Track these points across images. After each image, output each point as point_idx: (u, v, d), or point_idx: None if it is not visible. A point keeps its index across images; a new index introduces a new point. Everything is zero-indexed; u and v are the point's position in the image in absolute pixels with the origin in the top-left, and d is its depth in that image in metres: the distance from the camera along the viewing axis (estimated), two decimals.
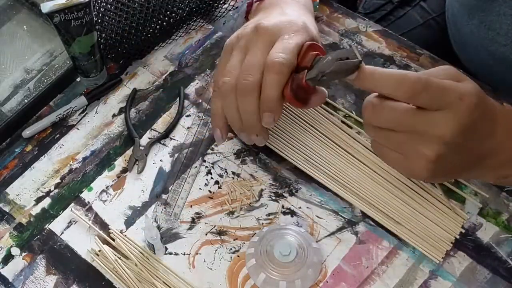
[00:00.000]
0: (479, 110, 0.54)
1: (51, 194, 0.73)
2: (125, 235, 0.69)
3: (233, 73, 0.62)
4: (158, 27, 0.80)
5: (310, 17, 0.71)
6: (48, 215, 0.72)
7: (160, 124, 0.77)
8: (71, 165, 0.75)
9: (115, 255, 0.67)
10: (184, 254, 0.68)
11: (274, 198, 0.71)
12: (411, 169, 0.56)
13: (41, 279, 0.68)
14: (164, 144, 0.76)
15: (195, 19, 0.84)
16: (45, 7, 0.70)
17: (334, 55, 0.56)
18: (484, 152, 0.57)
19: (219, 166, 0.73)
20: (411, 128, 0.54)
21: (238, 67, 0.62)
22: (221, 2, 0.84)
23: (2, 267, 0.69)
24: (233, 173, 0.73)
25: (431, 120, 0.53)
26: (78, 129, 0.77)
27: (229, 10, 0.84)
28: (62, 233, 0.70)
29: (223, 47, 0.67)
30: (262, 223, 0.70)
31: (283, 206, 0.70)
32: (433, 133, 0.53)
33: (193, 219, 0.70)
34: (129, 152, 0.75)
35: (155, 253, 0.68)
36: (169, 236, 0.69)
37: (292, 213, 0.70)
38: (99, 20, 0.78)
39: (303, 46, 0.61)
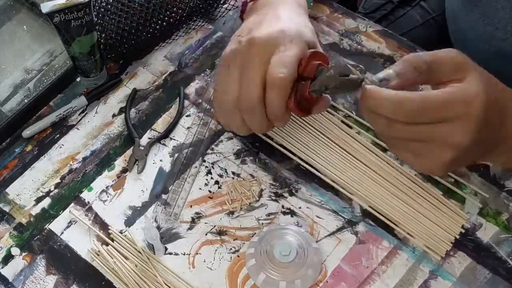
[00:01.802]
0: (488, 107, 0.53)
1: (51, 194, 0.73)
2: (125, 235, 0.69)
3: (233, 91, 0.61)
4: (158, 27, 0.80)
5: (304, 17, 0.70)
6: (48, 215, 0.72)
7: (160, 124, 0.77)
8: (71, 165, 0.75)
9: (115, 256, 0.67)
10: (184, 254, 0.68)
11: (274, 198, 0.71)
12: (426, 167, 0.57)
13: (41, 279, 0.68)
14: (164, 144, 0.76)
15: (195, 19, 0.84)
16: (45, 7, 0.70)
17: (335, 69, 0.56)
18: (496, 141, 0.57)
19: (219, 166, 0.73)
20: (425, 137, 0.54)
21: (237, 85, 0.61)
22: (221, 2, 0.84)
23: (2, 267, 0.69)
24: (233, 173, 0.73)
25: (443, 131, 0.53)
26: (78, 129, 0.77)
27: (229, 10, 0.84)
28: (62, 233, 0.70)
29: (220, 61, 0.66)
30: (262, 223, 0.70)
31: (283, 206, 0.70)
32: (448, 142, 0.53)
33: (193, 219, 0.70)
34: (129, 152, 0.75)
35: (155, 253, 0.68)
36: (169, 236, 0.69)
37: (292, 213, 0.70)
38: (99, 20, 0.77)
39: (304, 54, 0.60)
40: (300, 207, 0.70)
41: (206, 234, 0.69)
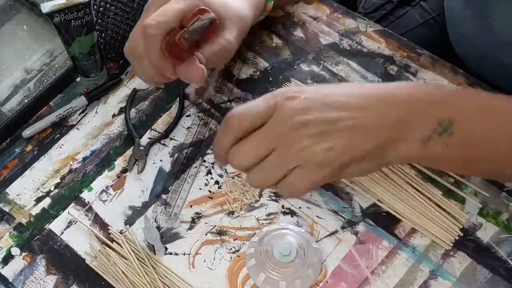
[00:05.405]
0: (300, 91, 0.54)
1: (51, 194, 0.73)
2: (125, 236, 0.69)
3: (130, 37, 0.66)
4: None
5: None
6: (48, 215, 0.72)
7: (160, 124, 0.77)
8: (71, 165, 0.75)
9: (115, 256, 0.67)
10: (184, 254, 0.68)
11: (274, 198, 0.71)
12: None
13: (41, 279, 0.68)
14: (164, 144, 0.76)
15: None
16: (45, 7, 0.70)
17: (206, 17, 0.62)
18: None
19: (219, 166, 0.73)
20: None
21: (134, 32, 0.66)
22: None
23: (2, 267, 0.69)
24: (233, 173, 0.73)
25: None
26: (78, 129, 0.77)
27: None
28: (62, 233, 0.70)
29: None
30: (262, 223, 0.70)
31: (283, 206, 0.70)
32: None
33: (193, 219, 0.70)
34: (129, 152, 0.75)
35: (155, 254, 0.68)
36: (169, 236, 0.69)
37: (292, 213, 0.70)
38: (99, 20, 0.77)
39: (192, 10, 0.63)
40: (300, 207, 0.70)
41: (206, 234, 0.69)
